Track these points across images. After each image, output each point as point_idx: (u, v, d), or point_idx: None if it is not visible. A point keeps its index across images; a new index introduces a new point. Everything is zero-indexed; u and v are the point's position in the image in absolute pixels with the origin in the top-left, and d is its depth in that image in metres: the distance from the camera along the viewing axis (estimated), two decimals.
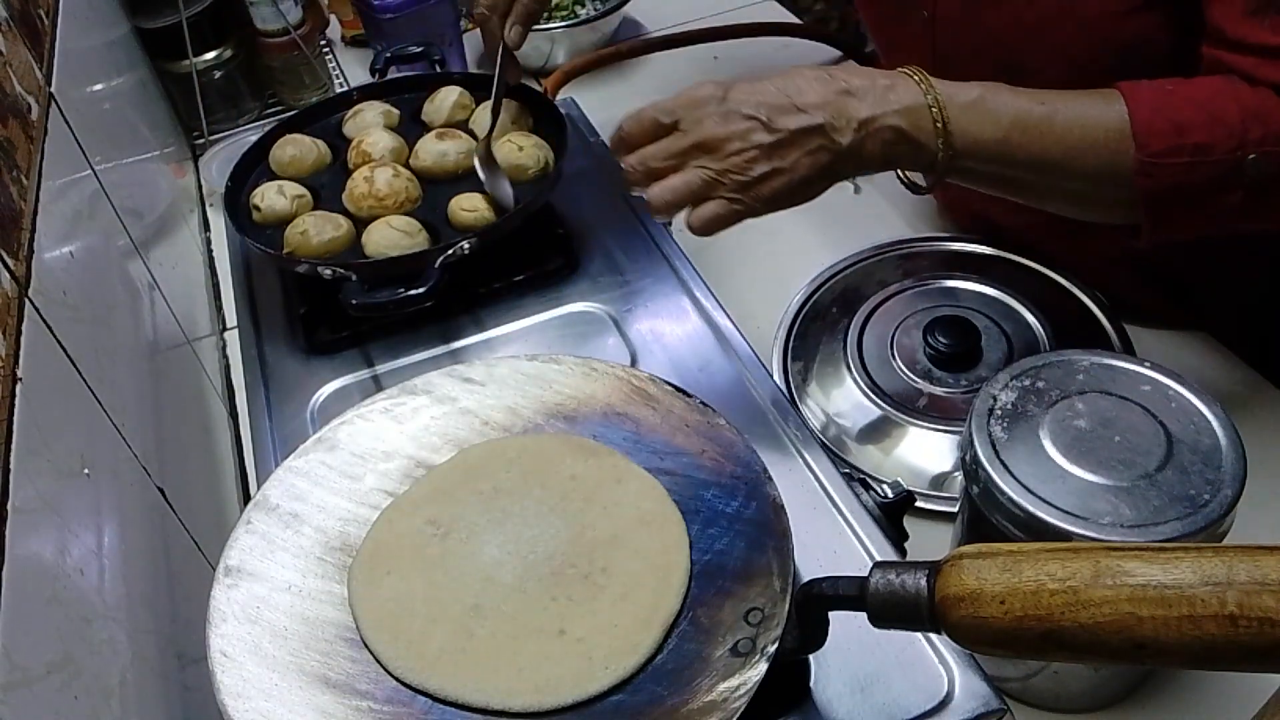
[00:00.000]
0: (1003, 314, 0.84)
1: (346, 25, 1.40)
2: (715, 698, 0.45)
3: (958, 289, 0.89)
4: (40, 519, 0.44)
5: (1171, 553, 0.36)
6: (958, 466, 0.71)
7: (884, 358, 0.84)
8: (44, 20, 0.73)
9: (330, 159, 0.87)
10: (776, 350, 0.88)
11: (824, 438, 0.79)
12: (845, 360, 0.84)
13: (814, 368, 0.86)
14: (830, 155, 0.64)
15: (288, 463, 0.59)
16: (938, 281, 0.90)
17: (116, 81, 0.95)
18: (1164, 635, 0.35)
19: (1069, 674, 0.62)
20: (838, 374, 0.84)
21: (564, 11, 1.32)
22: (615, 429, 0.60)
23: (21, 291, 0.50)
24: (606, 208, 0.84)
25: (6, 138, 0.56)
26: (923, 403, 0.80)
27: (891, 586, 0.41)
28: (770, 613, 0.47)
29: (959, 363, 0.80)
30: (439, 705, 0.49)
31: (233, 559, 0.54)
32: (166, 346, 0.79)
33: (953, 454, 0.76)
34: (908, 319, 0.86)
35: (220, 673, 0.48)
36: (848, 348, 0.85)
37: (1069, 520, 0.51)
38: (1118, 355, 0.59)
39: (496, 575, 0.53)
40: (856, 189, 1.08)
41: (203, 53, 1.20)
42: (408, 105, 0.91)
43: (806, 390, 0.85)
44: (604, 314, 0.74)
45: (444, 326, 0.75)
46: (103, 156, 0.75)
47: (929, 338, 0.80)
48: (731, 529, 0.53)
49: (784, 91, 0.63)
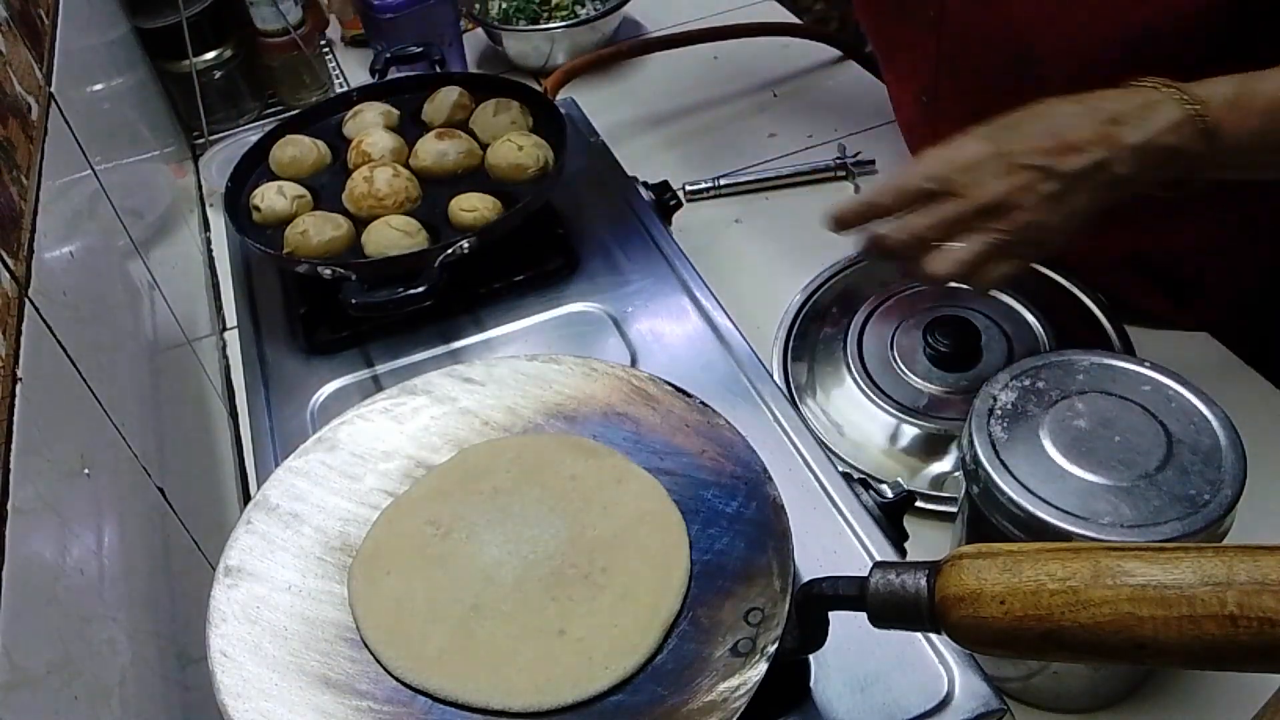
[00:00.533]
0: (1003, 314, 0.84)
1: (346, 25, 1.40)
2: (715, 698, 0.45)
3: (958, 289, 0.89)
4: (40, 519, 0.44)
5: (1171, 553, 0.36)
6: (958, 466, 0.72)
7: (884, 358, 0.84)
8: (44, 20, 0.73)
9: (330, 159, 0.87)
10: (776, 350, 0.88)
11: (824, 438, 0.79)
12: (845, 360, 0.84)
13: (814, 368, 0.86)
14: (1111, 188, 0.62)
15: (288, 463, 0.59)
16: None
17: (116, 81, 0.95)
18: (1164, 635, 0.35)
19: (1069, 674, 0.62)
20: (838, 374, 0.84)
21: (564, 11, 1.32)
22: (615, 429, 0.60)
23: (21, 291, 0.50)
24: (606, 208, 0.84)
25: (6, 138, 0.56)
26: (923, 403, 0.80)
27: (891, 586, 0.41)
28: (770, 613, 0.47)
29: (959, 362, 0.80)
30: (439, 705, 0.48)
31: (233, 559, 0.54)
32: (166, 346, 0.79)
33: (953, 454, 0.76)
34: (908, 319, 0.86)
35: (220, 673, 0.48)
36: (848, 348, 0.85)
37: (1069, 520, 0.51)
38: (1118, 355, 0.59)
39: (496, 575, 0.53)
40: (856, 189, 1.08)
41: (203, 53, 1.20)
42: (408, 105, 0.91)
43: (806, 390, 0.85)
44: (604, 314, 0.74)
45: (444, 326, 0.75)
46: (103, 156, 0.75)
47: (929, 337, 0.80)
48: (731, 529, 0.53)
49: (1053, 132, 0.61)
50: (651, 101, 1.23)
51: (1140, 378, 0.57)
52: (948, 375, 0.81)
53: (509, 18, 1.33)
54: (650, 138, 1.15)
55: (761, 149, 1.12)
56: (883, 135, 1.14)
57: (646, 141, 0.84)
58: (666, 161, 0.78)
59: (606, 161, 0.89)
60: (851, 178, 1.09)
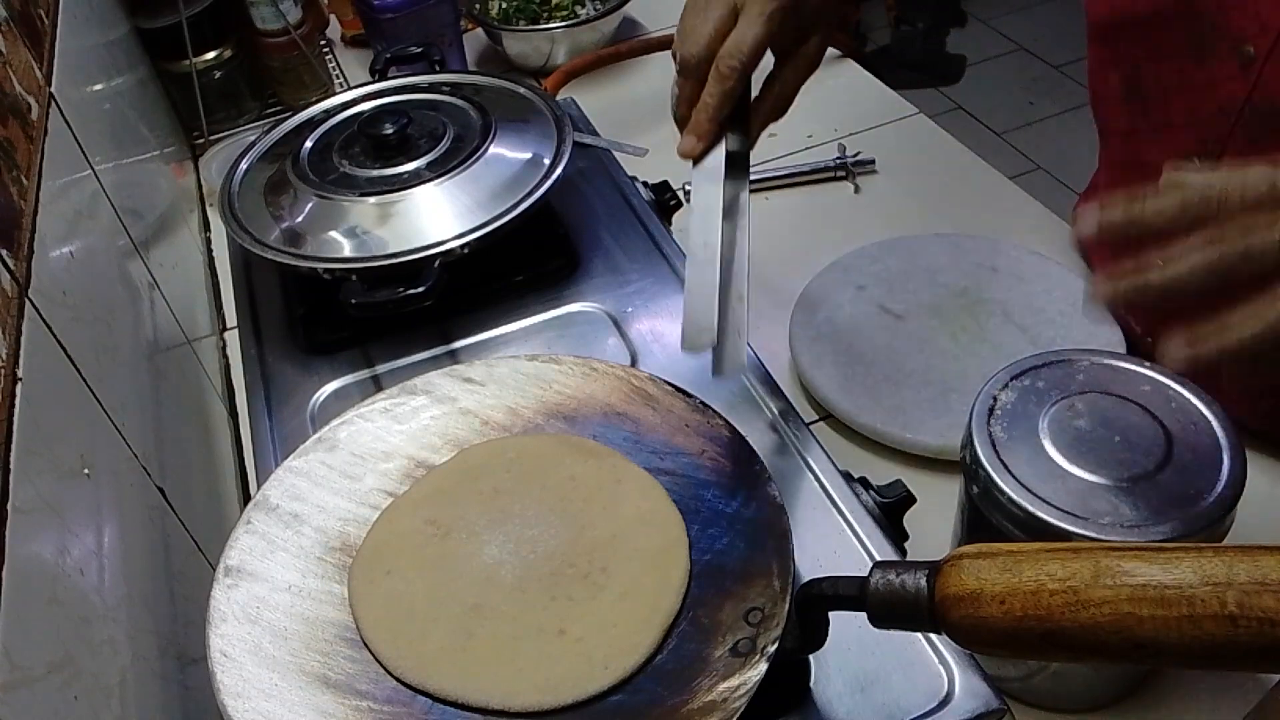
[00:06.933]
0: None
1: (346, 25, 1.40)
2: (715, 698, 0.45)
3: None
4: (40, 519, 0.44)
5: (1171, 553, 0.36)
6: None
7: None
8: (44, 20, 0.73)
9: None
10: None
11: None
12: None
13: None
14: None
15: (288, 463, 0.59)
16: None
17: (116, 81, 0.95)
18: (1164, 635, 0.35)
19: (1069, 674, 0.62)
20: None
21: (564, 11, 1.32)
22: (615, 429, 0.60)
23: (21, 291, 0.50)
24: (606, 208, 0.84)
25: (6, 138, 0.56)
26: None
27: (891, 586, 0.41)
28: (770, 613, 0.47)
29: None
30: (439, 705, 0.48)
31: (233, 559, 0.54)
32: (166, 346, 0.79)
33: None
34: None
35: (220, 673, 0.48)
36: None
37: (1069, 520, 0.51)
38: (1118, 355, 0.59)
39: (496, 575, 0.53)
40: (856, 189, 1.08)
41: (203, 53, 1.20)
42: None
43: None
44: (604, 314, 0.74)
45: (444, 326, 0.75)
46: (103, 156, 0.75)
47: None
48: (731, 529, 0.53)
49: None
50: (651, 101, 1.23)
51: (1140, 378, 0.57)
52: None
53: (509, 18, 1.33)
54: (650, 138, 1.15)
55: (761, 149, 1.12)
56: (883, 135, 1.15)
57: (646, 141, 0.84)
58: (666, 161, 0.78)
59: (606, 161, 0.89)
60: (851, 178, 1.09)
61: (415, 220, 0.73)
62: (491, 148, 0.77)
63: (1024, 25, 3.18)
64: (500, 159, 0.77)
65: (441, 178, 0.75)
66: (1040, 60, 3.05)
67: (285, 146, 0.83)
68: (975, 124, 2.82)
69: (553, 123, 0.81)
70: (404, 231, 0.73)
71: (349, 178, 0.77)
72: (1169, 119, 0.70)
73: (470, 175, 0.75)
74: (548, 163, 0.77)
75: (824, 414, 0.84)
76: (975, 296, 0.88)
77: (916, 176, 1.10)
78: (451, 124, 0.80)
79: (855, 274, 0.92)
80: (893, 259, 0.93)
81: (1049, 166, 2.63)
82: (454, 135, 0.79)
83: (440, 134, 0.79)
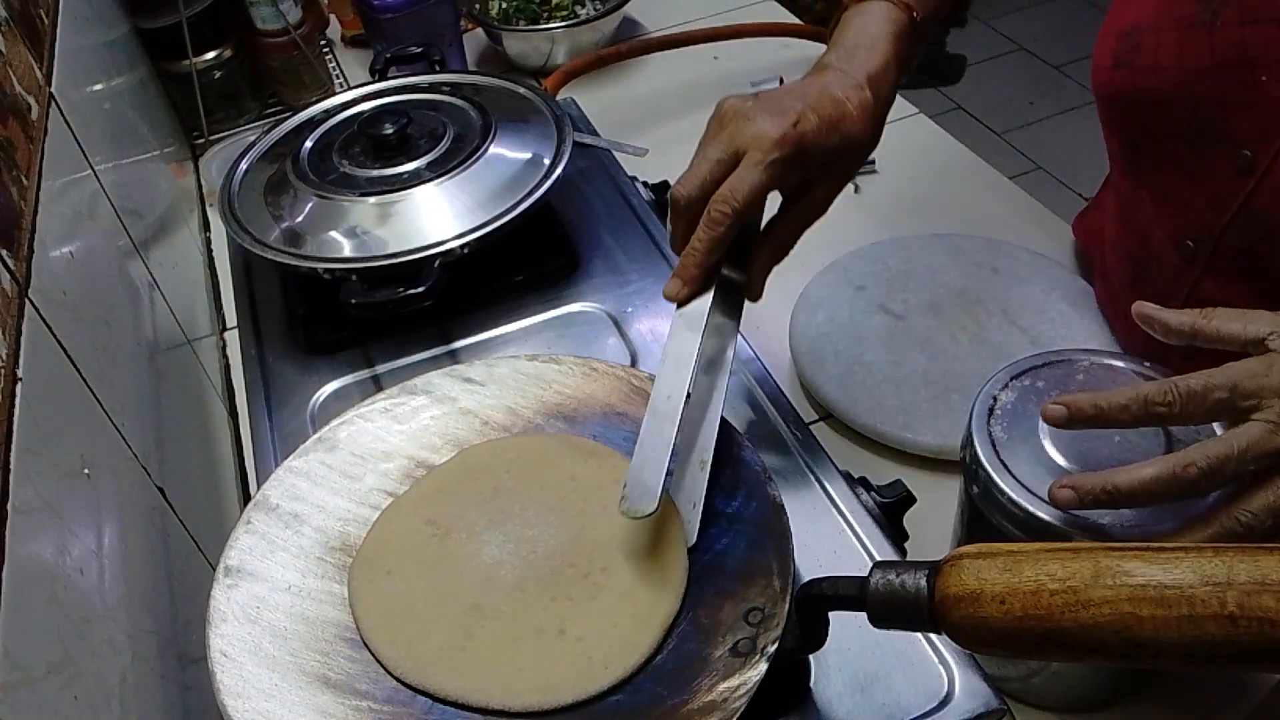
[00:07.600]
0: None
1: (346, 25, 1.40)
2: (715, 698, 0.45)
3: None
4: (40, 519, 0.44)
5: (1171, 553, 0.36)
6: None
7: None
8: (44, 20, 0.73)
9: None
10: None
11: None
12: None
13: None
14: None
15: (288, 463, 0.59)
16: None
17: (116, 81, 0.95)
18: (1164, 635, 0.35)
19: (1069, 674, 0.62)
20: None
21: (564, 11, 1.32)
22: (615, 429, 0.60)
23: (21, 291, 0.50)
24: (606, 208, 0.84)
25: (6, 138, 0.56)
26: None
27: (891, 586, 0.41)
28: (770, 613, 0.47)
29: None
30: (439, 705, 0.48)
31: (233, 559, 0.54)
32: (166, 346, 0.79)
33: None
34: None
35: (220, 673, 0.48)
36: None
37: (1069, 520, 0.51)
38: (1118, 355, 0.59)
39: (496, 575, 0.53)
40: (856, 189, 1.08)
41: (203, 53, 1.20)
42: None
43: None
44: (604, 314, 0.74)
45: (444, 326, 0.75)
46: (103, 156, 0.75)
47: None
48: (731, 529, 0.53)
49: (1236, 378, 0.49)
50: (651, 101, 1.23)
51: (1140, 378, 0.57)
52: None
53: (509, 18, 1.33)
54: (650, 138, 1.15)
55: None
56: (883, 135, 1.14)
57: (646, 141, 0.84)
58: (666, 161, 0.78)
59: (606, 161, 0.89)
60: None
61: (415, 220, 0.73)
62: (491, 148, 0.78)
63: (1024, 25, 3.18)
64: (500, 159, 0.77)
65: (441, 178, 0.75)
66: (1040, 60, 3.05)
67: (285, 146, 0.83)
68: (975, 124, 2.81)
69: (553, 123, 0.81)
70: (404, 231, 0.73)
71: (349, 178, 0.77)
72: (1167, 194, 0.68)
73: (470, 175, 0.76)
74: (548, 163, 0.77)
75: (824, 414, 0.84)
76: (975, 296, 0.88)
77: (917, 176, 1.10)
78: (451, 124, 0.80)
79: (855, 274, 0.92)
80: (893, 259, 0.93)
81: (1049, 166, 2.63)
82: (454, 135, 0.79)
83: (440, 134, 0.79)
